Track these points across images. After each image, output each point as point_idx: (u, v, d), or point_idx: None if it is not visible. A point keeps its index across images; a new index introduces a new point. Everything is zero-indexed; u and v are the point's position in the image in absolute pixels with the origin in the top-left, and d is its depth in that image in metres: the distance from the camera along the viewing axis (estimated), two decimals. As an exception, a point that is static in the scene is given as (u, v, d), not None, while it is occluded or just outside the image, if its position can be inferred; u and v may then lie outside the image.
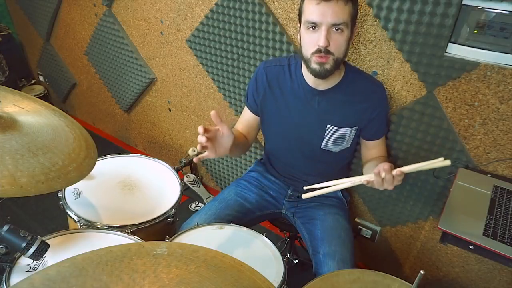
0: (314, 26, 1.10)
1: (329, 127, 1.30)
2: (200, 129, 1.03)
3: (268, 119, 1.40)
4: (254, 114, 1.41)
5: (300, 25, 1.17)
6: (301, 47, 1.18)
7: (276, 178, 1.52)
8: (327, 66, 1.13)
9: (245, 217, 1.43)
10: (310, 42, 1.13)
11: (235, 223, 1.31)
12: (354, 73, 1.29)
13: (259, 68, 1.37)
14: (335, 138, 1.32)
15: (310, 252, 1.35)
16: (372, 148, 1.39)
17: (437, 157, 1.38)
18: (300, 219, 1.45)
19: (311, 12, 1.09)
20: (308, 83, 1.27)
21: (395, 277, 0.96)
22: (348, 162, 1.50)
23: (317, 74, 1.16)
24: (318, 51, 1.11)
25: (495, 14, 1.14)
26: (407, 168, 1.01)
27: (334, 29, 1.09)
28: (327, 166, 1.42)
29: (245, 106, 1.44)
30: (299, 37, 1.19)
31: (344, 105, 1.28)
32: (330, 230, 1.33)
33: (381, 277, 0.91)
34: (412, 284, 0.79)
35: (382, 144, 1.40)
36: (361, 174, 1.68)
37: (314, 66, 1.14)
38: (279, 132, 1.41)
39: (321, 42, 1.09)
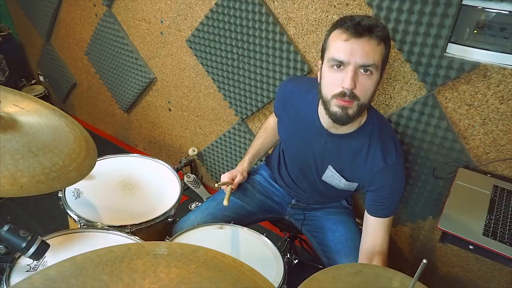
0: (340, 64, 0.98)
1: (330, 168, 1.21)
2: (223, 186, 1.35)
3: (280, 132, 1.37)
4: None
5: (322, 63, 1.04)
6: (320, 86, 1.06)
7: (281, 186, 1.49)
8: (350, 112, 1.00)
9: (245, 219, 1.41)
10: (333, 82, 1.00)
11: (234, 223, 1.31)
12: (374, 129, 1.12)
13: (283, 83, 1.34)
14: (334, 179, 1.24)
15: (325, 262, 1.33)
16: (367, 219, 1.19)
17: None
18: (307, 226, 1.43)
19: (338, 49, 0.96)
20: (321, 120, 1.15)
21: (397, 271, 0.96)
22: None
23: (337, 119, 1.02)
24: (342, 94, 0.98)
25: (495, 14, 1.14)
26: None
27: (362, 70, 0.97)
28: (330, 191, 1.33)
29: None
30: (319, 75, 1.07)
31: (350, 156, 1.16)
32: (345, 241, 1.29)
33: (382, 270, 0.90)
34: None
35: (378, 228, 1.16)
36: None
37: (335, 109, 1.01)
38: (286, 149, 1.39)
39: (347, 84, 0.96)
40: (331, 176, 1.24)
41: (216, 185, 1.35)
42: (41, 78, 3.19)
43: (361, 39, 0.94)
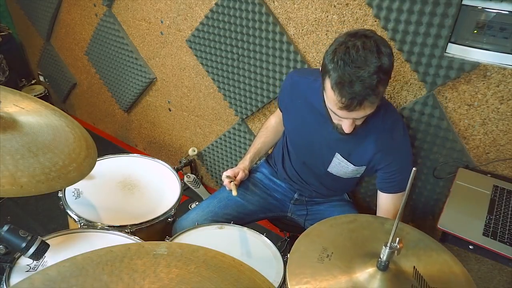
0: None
1: (337, 155, 1.24)
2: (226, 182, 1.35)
3: (286, 123, 1.39)
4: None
5: (324, 82, 1.03)
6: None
7: (282, 181, 1.49)
8: (353, 130, 1.09)
9: (246, 217, 1.42)
10: (333, 117, 1.09)
11: (235, 222, 1.31)
12: (380, 111, 1.13)
13: (289, 75, 1.36)
14: (341, 168, 1.26)
15: None
16: (379, 196, 1.27)
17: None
18: (311, 221, 1.43)
19: (334, 108, 1.02)
20: None
21: (388, 218, 1.01)
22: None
23: (341, 133, 1.11)
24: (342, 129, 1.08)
25: (495, 14, 1.14)
26: None
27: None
28: (335, 183, 1.37)
29: None
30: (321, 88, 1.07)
31: (357, 139, 1.18)
32: None
33: (373, 218, 1.00)
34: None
35: (390, 203, 1.24)
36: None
37: (339, 129, 1.10)
38: (292, 141, 1.40)
39: (347, 131, 1.06)
40: (338, 164, 1.25)
41: (223, 175, 1.37)
42: (41, 78, 3.19)
43: (354, 111, 0.99)
